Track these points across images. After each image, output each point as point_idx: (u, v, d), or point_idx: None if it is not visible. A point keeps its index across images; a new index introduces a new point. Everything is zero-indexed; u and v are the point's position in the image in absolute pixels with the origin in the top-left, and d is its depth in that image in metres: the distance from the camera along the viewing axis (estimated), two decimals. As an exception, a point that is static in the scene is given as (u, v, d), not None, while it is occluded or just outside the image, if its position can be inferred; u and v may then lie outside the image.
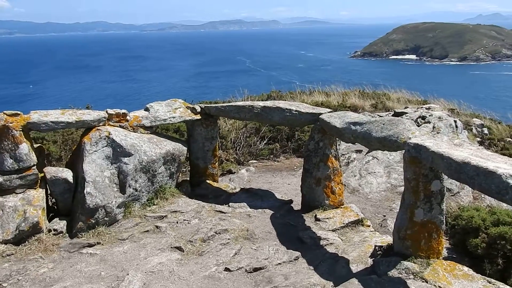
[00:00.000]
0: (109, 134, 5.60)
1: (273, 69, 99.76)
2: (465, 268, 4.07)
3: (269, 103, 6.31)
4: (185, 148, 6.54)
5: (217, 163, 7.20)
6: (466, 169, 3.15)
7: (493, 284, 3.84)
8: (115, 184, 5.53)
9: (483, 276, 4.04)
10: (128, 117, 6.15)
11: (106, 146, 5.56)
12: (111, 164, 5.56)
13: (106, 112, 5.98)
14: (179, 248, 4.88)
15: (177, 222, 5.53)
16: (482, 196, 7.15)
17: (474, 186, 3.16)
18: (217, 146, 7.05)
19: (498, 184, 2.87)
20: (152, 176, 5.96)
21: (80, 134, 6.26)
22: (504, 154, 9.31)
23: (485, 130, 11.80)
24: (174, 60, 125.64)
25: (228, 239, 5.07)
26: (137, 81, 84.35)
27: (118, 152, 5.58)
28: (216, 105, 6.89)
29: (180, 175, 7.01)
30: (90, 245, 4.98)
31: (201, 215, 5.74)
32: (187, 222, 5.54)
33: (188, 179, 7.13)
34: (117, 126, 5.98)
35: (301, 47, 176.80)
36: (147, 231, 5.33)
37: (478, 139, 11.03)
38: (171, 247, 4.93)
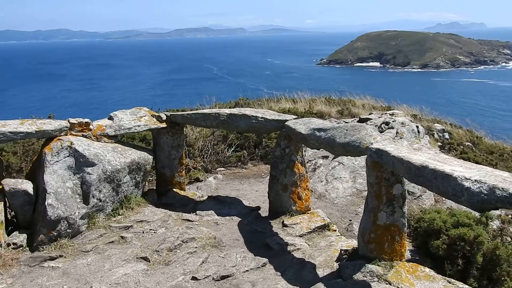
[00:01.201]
0: (71, 144, 5.46)
1: (240, 76, 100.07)
2: (427, 269, 4.20)
3: (235, 111, 6.33)
4: (150, 157, 6.46)
5: (184, 171, 7.14)
6: (425, 172, 3.26)
7: (453, 284, 3.98)
8: (78, 195, 5.39)
9: (444, 277, 4.17)
10: (91, 126, 6.02)
11: (68, 156, 5.42)
12: (74, 175, 5.42)
13: (68, 121, 5.84)
14: (145, 259, 4.81)
15: (143, 232, 5.44)
16: (443, 199, 7.39)
17: (433, 189, 3.27)
18: (183, 154, 7.00)
19: (454, 187, 2.98)
20: (117, 186, 5.85)
21: (42, 144, 6.08)
22: (463, 158, 9.71)
23: (446, 135, 12.24)
24: (140, 68, 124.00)
25: (195, 247, 5.03)
26: (102, 89, 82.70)
27: (81, 162, 5.45)
28: (182, 113, 6.85)
29: (146, 184, 6.92)
30: (52, 258, 4.82)
31: (167, 224, 5.68)
32: (153, 231, 5.46)
33: (155, 188, 7.04)
34: (80, 136, 5.85)
35: (267, 54, 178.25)
36: (112, 242, 5.22)
37: (439, 143, 11.41)
38: (137, 258, 4.84)
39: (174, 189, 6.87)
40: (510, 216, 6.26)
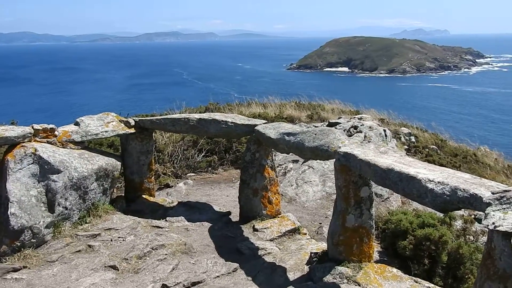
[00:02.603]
0: (35, 150, 5.30)
1: (210, 81, 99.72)
2: (394, 270, 4.29)
3: (205, 115, 6.31)
4: (119, 163, 6.35)
5: (153, 177, 7.06)
6: (390, 175, 3.34)
7: (420, 284, 4.08)
8: (43, 203, 5.23)
9: (411, 276, 4.28)
10: (56, 132, 5.86)
11: (32, 163, 5.26)
12: (38, 182, 5.26)
13: (32, 127, 5.67)
14: (114, 267, 4.71)
15: (111, 240, 5.33)
16: (409, 200, 7.58)
17: (398, 191, 3.35)
18: (153, 160, 6.92)
19: (418, 188, 3.07)
20: (84, 193, 5.72)
21: (4, 151, 5.87)
22: (428, 161, 9.99)
23: (412, 138, 12.54)
24: (108, 72, 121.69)
25: (165, 254, 4.97)
26: (68, 94, 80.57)
27: (45, 169, 5.30)
28: (151, 118, 6.77)
29: (114, 191, 6.78)
30: (15, 270, 4.65)
31: (137, 231, 5.58)
32: (122, 239, 5.36)
33: (123, 194, 6.92)
34: (45, 142, 5.68)
35: (238, 59, 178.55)
36: (79, 251, 5.08)
37: (406, 147, 11.69)
38: (105, 266, 4.74)
39: (144, 196, 6.77)
40: (472, 216, 6.47)
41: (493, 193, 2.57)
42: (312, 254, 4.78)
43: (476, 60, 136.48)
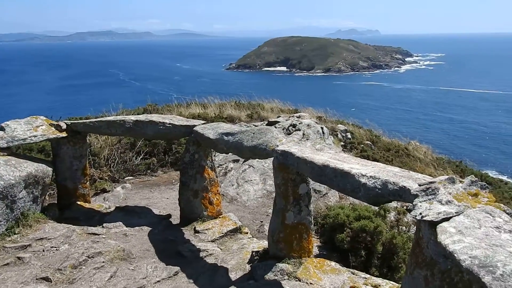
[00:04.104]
0: (-47, 158, 4.89)
1: (148, 81, 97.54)
2: (333, 263, 4.42)
3: (141, 117, 6.13)
4: (50, 169, 6.01)
5: (88, 183, 6.76)
6: (326, 171, 3.43)
7: (356, 275, 4.24)
8: (-37, 215, 4.83)
9: (348, 269, 4.43)
10: (-23, 138, 5.44)
11: (-50, 172, 4.84)
12: (-42, 193, 4.85)
13: (-51, 133, 5.22)
14: (46, 279, 4.44)
15: (43, 251, 5.03)
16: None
17: (334, 187, 3.45)
18: (87, 165, 6.62)
19: (352, 183, 3.18)
20: (11, 203, 5.34)
21: None
22: (362, 156, 10.40)
23: (349, 135, 13.01)
24: (36, 73, 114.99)
25: (103, 262, 4.77)
26: (-7, 97, 75.30)
27: (-34, 179, 4.90)
28: (84, 121, 6.47)
29: (46, 198, 6.42)
30: None
31: (71, 239, 5.31)
32: (55, 249, 5.07)
33: (56, 202, 6.56)
34: (-36, 149, 5.25)
35: (176, 59, 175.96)
36: (7, 264, 4.74)
37: (342, 143, 12.11)
38: (37, 279, 4.46)
39: (78, 202, 6.46)
40: (405, 208, 6.82)
41: (420, 185, 2.72)
42: (254, 253, 4.81)
43: (405, 59, 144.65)
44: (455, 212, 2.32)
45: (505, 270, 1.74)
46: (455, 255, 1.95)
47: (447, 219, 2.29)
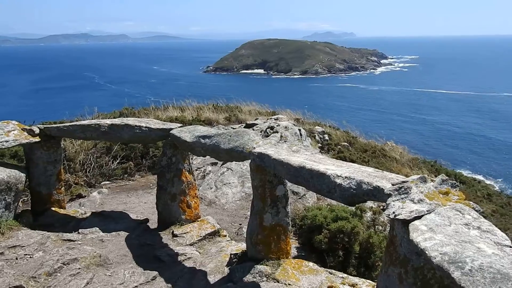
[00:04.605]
0: None
1: (125, 85, 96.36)
2: (311, 264, 4.47)
3: (117, 121, 6.06)
4: (23, 175, 5.87)
5: (63, 188, 6.63)
6: (302, 172, 3.47)
7: (334, 275, 4.29)
8: None
9: (326, 269, 4.48)
10: None
11: None
12: None
13: None
14: (20, 287, 4.34)
15: (16, 258, 4.91)
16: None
17: (310, 188, 3.49)
18: (61, 170, 6.50)
19: (328, 184, 3.23)
20: (-18, 210, 5.21)
21: None
22: (339, 157, 10.53)
23: (326, 136, 13.14)
24: (8, 77, 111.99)
25: (79, 268, 4.69)
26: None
27: None
28: (58, 125, 6.35)
29: (20, 205, 6.28)
30: None
31: (46, 246, 5.20)
32: (29, 256, 4.96)
33: (30, 208, 6.42)
34: None
35: (153, 62, 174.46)
36: (-21, 273, 4.62)
37: (319, 144, 12.22)
38: (10, 287, 4.35)
39: (53, 208, 6.33)
40: (381, 208, 6.94)
41: (393, 185, 2.78)
42: (232, 255, 4.81)
43: (381, 61, 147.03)
44: (427, 210, 2.39)
45: (473, 266, 1.80)
46: (426, 252, 2.00)
47: (419, 217, 2.35)
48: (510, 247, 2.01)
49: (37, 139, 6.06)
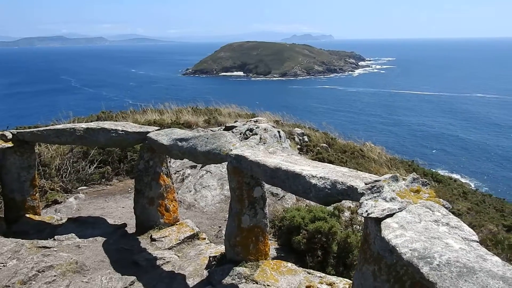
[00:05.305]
0: None
1: (102, 88, 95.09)
2: (289, 264, 4.49)
3: (93, 125, 5.98)
4: (-5, 181, 5.75)
5: (38, 194, 6.50)
6: (278, 173, 3.50)
7: (312, 274, 4.33)
8: None
9: (304, 269, 4.51)
10: None
11: None
12: None
13: None
14: (-7, 297, 4.25)
15: (-11, 267, 4.80)
16: (303, 196, 7.98)
17: (286, 189, 3.52)
18: (36, 175, 6.37)
19: (303, 185, 3.26)
20: (-47, 218, 5.07)
21: None
22: (318, 158, 10.62)
23: (305, 138, 13.24)
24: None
25: (54, 276, 4.61)
26: None
27: None
28: (32, 130, 6.23)
29: (-9, 212, 6.13)
30: None
31: (20, 254, 5.09)
32: (2, 265, 4.85)
33: (3, 215, 6.27)
34: None
35: (131, 65, 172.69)
36: (-51, 283, 4.49)
37: (299, 146, 12.31)
38: (-17, 297, 4.26)
39: (27, 215, 6.20)
40: (358, 207, 7.02)
41: (366, 184, 2.84)
42: (211, 258, 4.80)
43: (359, 63, 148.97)
44: (398, 208, 2.44)
45: (441, 260, 1.85)
46: (397, 248, 2.05)
47: (390, 215, 2.40)
48: (477, 242, 2.07)
49: (9, 144, 5.93)
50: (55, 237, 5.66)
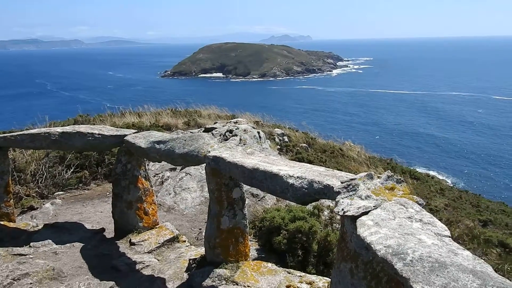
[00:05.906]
0: None
1: (79, 91, 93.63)
2: (269, 264, 4.50)
3: (68, 128, 5.88)
4: (-33, 188, 5.59)
5: (12, 201, 6.35)
6: (256, 174, 3.50)
7: (292, 274, 4.35)
8: None
9: (284, 269, 4.53)
10: None
11: None
12: None
13: None
14: (-34, 307, 4.13)
15: (-38, 277, 4.66)
16: (283, 196, 8.00)
17: (264, 189, 3.53)
18: (10, 181, 6.22)
19: (281, 185, 3.27)
20: None
21: None
22: (297, 158, 10.67)
23: (286, 138, 13.29)
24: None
25: (30, 283, 4.51)
26: None
27: None
28: (5, 135, 6.09)
29: (-36, 220, 5.96)
30: None
31: (-6, 262, 4.97)
32: (-25, 274, 4.72)
33: (-24, 223, 6.11)
34: None
35: (108, 67, 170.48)
36: None
37: (279, 146, 12.35)
38: (-45, 308, 4.14)
39: (1, 222, 6.05)
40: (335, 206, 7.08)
41: (342, 182, 2.87)
42: (191, 261, 4.77)
43: (337, 63, 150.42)
44: (373, 206, 2.48)
45: (414, 256, 1.89)
46: (372, 245, 2.08)
47: (366, 213, 2.43)
48: (449, 237, 2.12)
49: (-18, 150, 5.79)
50: (31, 244, 5.54)
